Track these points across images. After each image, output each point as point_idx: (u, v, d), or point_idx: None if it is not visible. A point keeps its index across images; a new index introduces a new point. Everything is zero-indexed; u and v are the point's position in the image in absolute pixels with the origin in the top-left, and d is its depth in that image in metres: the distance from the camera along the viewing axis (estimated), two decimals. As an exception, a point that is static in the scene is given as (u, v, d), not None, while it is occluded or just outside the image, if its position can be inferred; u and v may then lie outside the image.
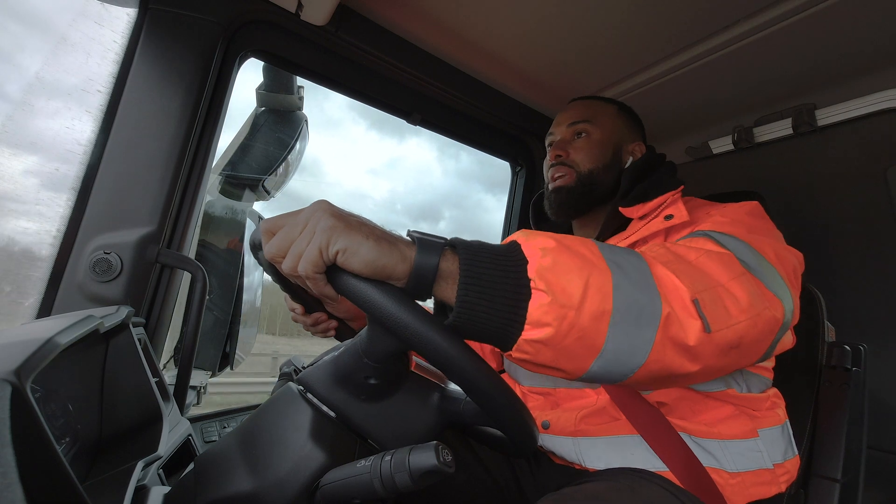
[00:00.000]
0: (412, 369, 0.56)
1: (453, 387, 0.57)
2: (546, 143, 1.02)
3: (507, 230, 1.63)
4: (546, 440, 0.80)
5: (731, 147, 1.38)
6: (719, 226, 0.68)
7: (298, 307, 0.75)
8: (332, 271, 0.42)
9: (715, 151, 1.43)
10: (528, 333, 0.43)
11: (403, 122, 1.32)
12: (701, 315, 0.48)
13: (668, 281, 0.49)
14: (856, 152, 1.15)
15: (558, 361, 0.45)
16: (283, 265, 0.43)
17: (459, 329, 0.43)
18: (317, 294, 0.44)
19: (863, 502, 0.79)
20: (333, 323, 0.77)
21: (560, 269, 0.43)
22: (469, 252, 0.43)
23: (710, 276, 0.53)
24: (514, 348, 0.44)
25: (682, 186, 0.85)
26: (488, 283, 0.42)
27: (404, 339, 0.42)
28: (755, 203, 0.77)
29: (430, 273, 0.42)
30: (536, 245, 0.45)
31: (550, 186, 0.95)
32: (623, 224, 0.89)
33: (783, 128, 1.26)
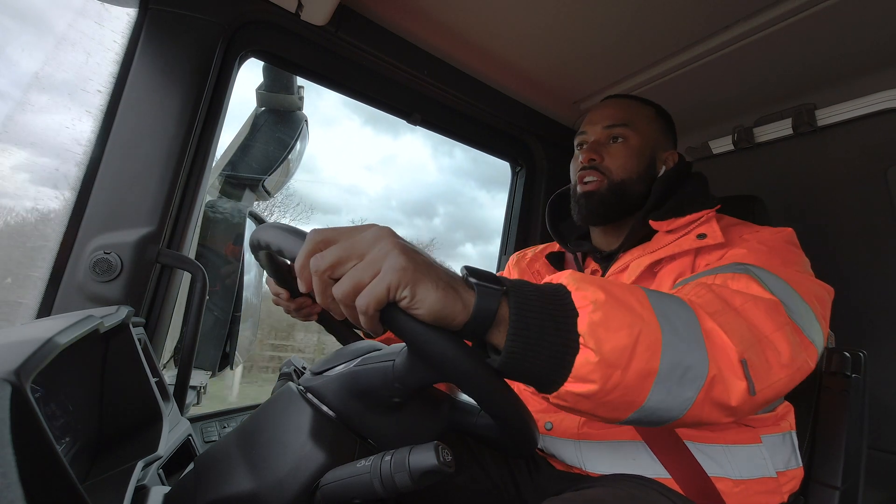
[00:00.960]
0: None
1: (463, 397, 0.57)
2: (576, 142, 0.95)
3: (507, 230, 1.63)
4: (548, 442, 0.80)
5: (731, 147, 1.38)
6: (756, 255, 0.66)
7: (283, 292, 0.75)
8: (389, 310, 0.40)
9: (715, 151, 1.43)
10: (572, 386, 0.43)
11: (396, 118, 1.32)
12: (747, 377, 0.48)
13: (716, 338, 0.48)
14: (856, 152, 1.15)
15: (597, 411, 0.46)
16: (335, 289, 0.40)
17: (502, 372, 0.43)
18: (364, 327, 0.42)
19: (862, 503, 0.79)
20: (317, 307, 0.78)
21: (610, 326, 0.43)
22: (520, 298, 0.42)
23: (756, 327, 0.52)
24: (553, 395, 0.44)
25: (718, 206, 0.81)
26: (537, 334, 0.42)
27: (450, 379, 0.43)
28: (790, 231, 0.74)
29: (488, 322, 0.42)
30: (587, 297, 0.44)
31: (579, 189, 0.90)
32: (647, 235, 0.85)
33: (783, 128, 1.26)
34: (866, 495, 0.79)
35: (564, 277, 0.47)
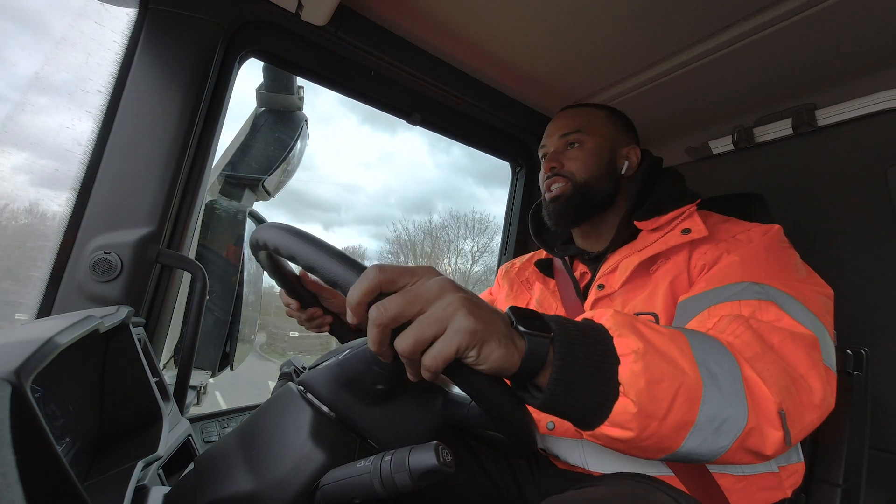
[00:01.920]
0: None
1: (456, 390, 0.57)
2: (539, 155, 1.01)
3: (507, 230, 1.63)
4: (550, 442, 0.80)
5: (731, 147, 1.38)
6: (756, 264, 0.67)
7: (294, 302, 0.75)
8: (453, 365, 0.41)
9: (715, 151, 1.43)
10: (608, 430, 0.44)
11: (393, 116, 1.31)
12: (784, 427, 0.48)
13: (756, 389, 0.49)
14: (856, 152, 1.15)
15: (630, 452, 0.47)
16: (397, 342, 0.39)
17: (541, 410, 0.44)
18: (419, 378, 0.42)
19: (862, 503, 0.79)
20: (328, 318, 0.77)
21: (651, 377, 0.43)
22: (564, 344, 0.43)
23: (793, 368, 0.53)
24: (589, 433, 0.45)
25: (699, 200, 0.83)
26: (579, 381, 0.42)
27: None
28: (778, 228, 0.75)
29: (536, 369, 0.43)
30: (629, 345, 0.44)
31: (547, 197, 0.94)
32: (633, 234, 0.88)
33: (783, 128, 1.26)
34: (868, 495, 0.79)
35: (606, 318, 0.48)
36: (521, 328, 0.42)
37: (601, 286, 0.84)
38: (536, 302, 0.97)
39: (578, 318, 0.49)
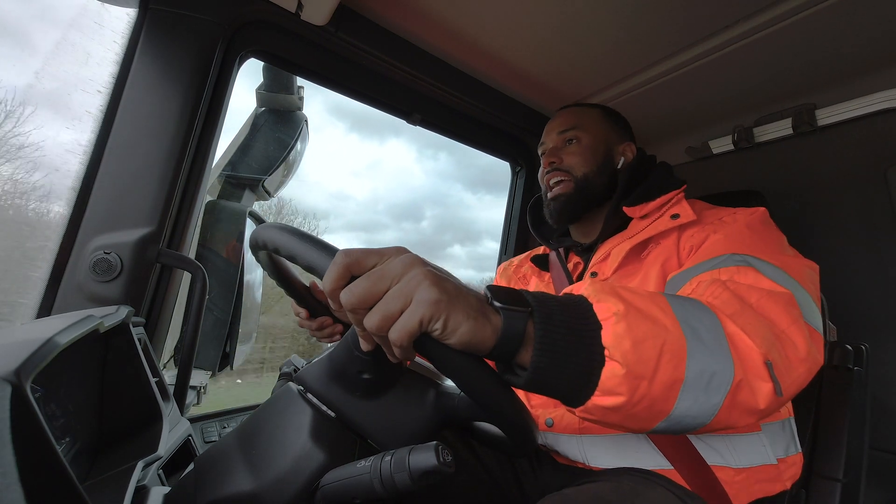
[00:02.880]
0: (407, 366, 0.56)
1: (449, 383, 0.57)
2: (539, 153, 1.04)
3: (507, 230, 1.63)
4: (550, 438, 0.80)
5: (731, 147, 1.38)
6: (740, 239, 0.69)
7: (303, 311, 0.75)
8: (420, 339, 0.40)
9: (715, 151, 1.43)
10: (599, 400, 0.43)
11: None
12: (773, 378, 0.48)
13: (740, 341, 0.49)
14: (856, 152, 1.15)
15: (624, 423, 0.46)
16: (365, 321, 0.39)
17: (527, 388, 0.43)
18: (396, 357, 0.43)
19: (864, 502, 0.79)
20: (339, 327, 0.77)
21: (634, 337, 0.43)
22: (544, 316, 0.42)
23: (774, 324, 0.53)
24: (580, 408, 0.44)
25: (684, 185, 0.86)
26: (562, 350, 0.42)
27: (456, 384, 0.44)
28: (763, 210, 0.78)
29: (515, 346, 0.42)
30: (609, 308, 0.44)
31: (549, 195, 0.97)
32: (623, 224, 0.91)
33: (783, 128, 1.26)
34: (868, 494, 0.79)
35: (584, 288, 0.48)
36: (497, 303, 0.42)
37: (594, 274, 0.87)
38: None
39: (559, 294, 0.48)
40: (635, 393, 0.43)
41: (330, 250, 0.43)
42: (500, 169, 1.68)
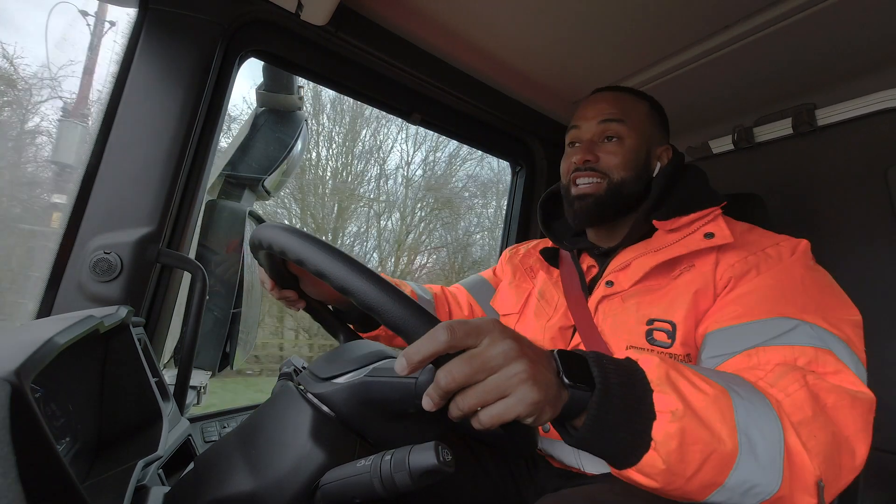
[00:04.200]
0: None
1: None
2: (567, 140, 0.90)
3: (507, 230, 1.63)
4: (546, 443, 0.80)
5: (731, 147, 1.38)
6: (793, 293, 0.63)
7: (269, 281, 0.76)
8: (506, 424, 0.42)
9: (715, 151, 1.43)
10: (634, 475, 0.45)
11: (394, 116, 1.31)
12: (820, 497, 0.46)
13: (798, 458, 0.46)
14: (856, 152, 1.15)
15: (653, 492, 0.47)
16: (459, 400, 0.40)
17: (575, 446, 0.46)
18: (476, 426, 0.43)
19: (862, 503, 0.78)
20: (302, 303, 0.79)
21: (685, 440, 0.43)
22: (603, 392, 0.43)
23: (841, 431, 0.50)
24: (614, 469, 0.46)
25: (724, 202, 0.76)
26: (610, 431, 0.43)
27: None
28: (806, 244, 0.70)
29: (574, 418, 0.45)
30: (667, 404, 0.44)
31: (573, 192, 0.85)
32: (647, 232, 0.82)
33: (783, 128, 1.26)
34: (868, 495, 0.78)
35: (652, 368, 0.47)
36: (566, 380, 0.43)
37: (609, 283, 0.79)
38: (539, 292, 0.94)
39: (621, 356, 0.49)
40: (670, 485, 0.44)
41: (429, 320, 0.43)
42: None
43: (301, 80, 1.40)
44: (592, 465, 0.73)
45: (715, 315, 0.67)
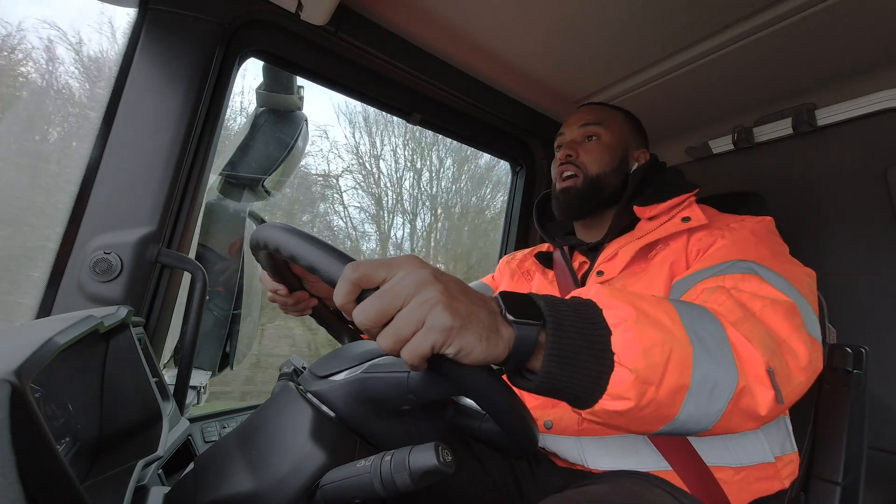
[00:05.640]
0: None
1: (466, 401, 0.57)
2: (555, 144, 1.03)
3: (507, 230, 1.63)
4: (548, 441, 0.80)
5: (731, 147, 1.38)
6: (746, 246, 0.70)
7: (282, 287, 0.75)
8: (434, 359, 0.40)
9: (715, 151, 1.43)
10: (607, 403, 0.44)
11: (394, 116, 1.32)
12: (774, 386, 0.49)
13: (743, 349, 0.50)
14: (856, 152, 1.15)
15: (630, 426, 0.47)
16: (378, 340, 0.39)
17: (538, 392, 0.44)
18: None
19: (862, 503, 0.79)
20: (314, 301, 0.78)
21: (643, 344, 0.44)
22: (555, 324, 0.43)
23: (775, 332, 0.54)
24: (588, 411, 0.45)
25: (697, 189, 0.86)
26: (572, 356, 0.42)
27: (481, 406, 0.44)
28: (770, 220, 0.79)
29: (526, 355, 0.43)
30: (618, 315, 0.45)
31: (558, 186, 0.97)
32: (630, 224, 0.91)
33: (783, 128, 1.26)
34: (867, 495, 0.79)
35: (593, 292, 0.48)
36: (510, 317, 0.42)
37: (600, 272, 0.86)
38: (536, 292, 0.97)
39: (567, 297, 0.48)
40: (642, 398, 0.43)
41: (338, 258, 0.43)
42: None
43: (301, 81, 1.40)
44: (596, 461, 0.73)
45: (682, 274, 0.75)
